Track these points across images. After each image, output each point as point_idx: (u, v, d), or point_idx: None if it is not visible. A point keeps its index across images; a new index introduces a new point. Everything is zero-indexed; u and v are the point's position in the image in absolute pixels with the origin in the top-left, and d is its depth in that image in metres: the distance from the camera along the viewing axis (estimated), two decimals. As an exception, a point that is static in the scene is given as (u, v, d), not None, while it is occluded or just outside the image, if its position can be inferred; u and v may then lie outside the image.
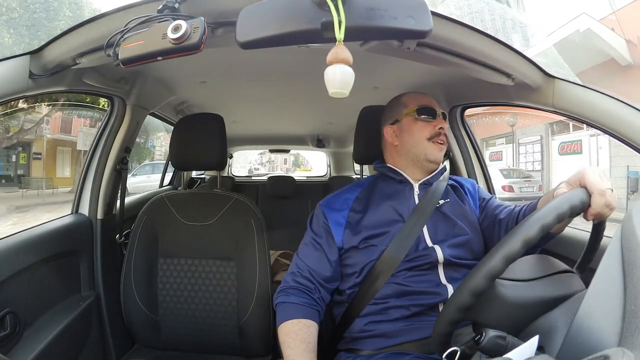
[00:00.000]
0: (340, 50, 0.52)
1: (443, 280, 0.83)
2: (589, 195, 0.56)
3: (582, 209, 0.55)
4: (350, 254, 0.88)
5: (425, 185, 0.93)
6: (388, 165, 0.97)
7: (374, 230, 0.87)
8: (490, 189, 1.34)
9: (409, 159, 0.94)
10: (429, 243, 0.86)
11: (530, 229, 0.49)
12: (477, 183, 1.21)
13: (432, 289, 0.82)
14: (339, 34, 0.52)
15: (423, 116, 0.92)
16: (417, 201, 0.90)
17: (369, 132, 1.08)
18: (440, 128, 0.91)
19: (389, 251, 0.83)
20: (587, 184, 0.56)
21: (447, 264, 0.84)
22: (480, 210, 0.95)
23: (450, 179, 0.98)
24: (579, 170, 0.60)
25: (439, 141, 0.91)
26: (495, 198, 1.00)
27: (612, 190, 0.57)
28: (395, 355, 0.79)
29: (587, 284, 0.46)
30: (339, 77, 0.52)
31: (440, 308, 0.81)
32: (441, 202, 0.90)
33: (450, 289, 0.82)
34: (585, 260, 0.64)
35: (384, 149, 1.00)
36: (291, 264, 0.93)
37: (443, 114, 0.94)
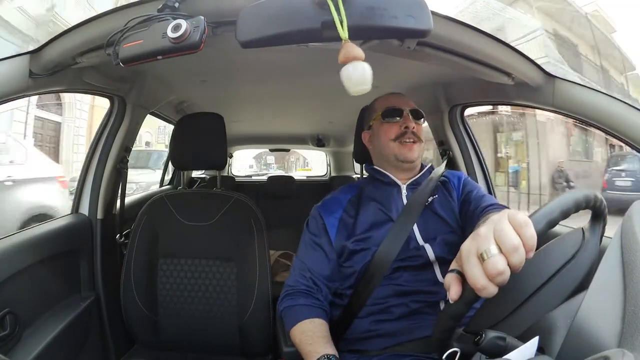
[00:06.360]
0: (350, 48, 0.52)
1: (440, 278, 0.83)
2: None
3: None
4: (344, 256, 0.89)
5: (414, 186, 0.93)
6: (375, 167, 0.98)
7: (365, 234, 0.87)
8: (490, 188, 1.34)
9: (385, 162, 0.95)
10: (420, 241, 0.86)
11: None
12: (477, 182, 1.20)
13: (430, 288, 0.82)
14: (344, 33, 0.52)
15: (388, 118, 0.93)
16: (405, 202, 0.91)
17: None
18: (406, 127, 0.90)
19: (381, 252, 0.83)
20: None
21: (442, 262, 0.84)
22: (460, 203, 0.93)
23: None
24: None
25: (406, 140, 0.90)
26: (483, 192, 0.94)
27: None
28: (397, 356, 0.79)
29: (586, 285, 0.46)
30: (359, 73, 0.52)
31: (441, 305, 0.81)
32: (430, 199, 0.90)
33: None
34: None
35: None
36: (292, 267, 0.94)
37: (415, 111, 0.93)
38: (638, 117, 0.74)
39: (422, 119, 0.95)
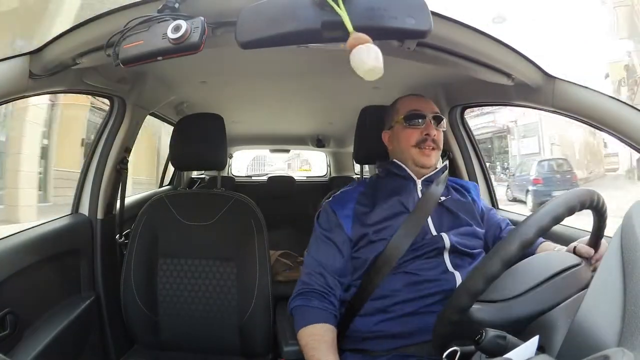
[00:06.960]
0: (358, 35, 0.52)
1: (450, 267, 0.84)
2: None
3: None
4: (359, 247, 0.89)
5: (428, 182, 0.95)
6: (394, 160, 0.98)
7: (381, 224, 0.88)
8: (490, 190, 1.35)
9: (402, 162, 0.97)
10: (434, 232, 0.87)
11: (510, 247, 0.50)
12: (477, 183, 1.21)
13: (440, 277, 0.82)
14: (350, 27, 0.52)
15: (410, 122, 0.94)
16: (420, 195, 0.93)
17: (369, 132, 1.08)
18: (427, 134, 0.92)
19: (394, 241, 0.84)
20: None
21: (453, 250, 0.85)
22: (485, 222, 0.98)
23: (451, 181, 1.00)
24: None
25: (426, 147, 0.92)
26: (492, 208, 1.02)
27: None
28: (402, 357, 0.79)
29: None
30: (371, 54, 0.51)
31: None
32: (443, 198, 0.92)
33: (458, 276, 0.82)
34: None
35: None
36: (304, 264, 0.94)
37: (436, 117, 0.94)
38: (638, 117, 0.74)
39: (443, 122, 0.97)
